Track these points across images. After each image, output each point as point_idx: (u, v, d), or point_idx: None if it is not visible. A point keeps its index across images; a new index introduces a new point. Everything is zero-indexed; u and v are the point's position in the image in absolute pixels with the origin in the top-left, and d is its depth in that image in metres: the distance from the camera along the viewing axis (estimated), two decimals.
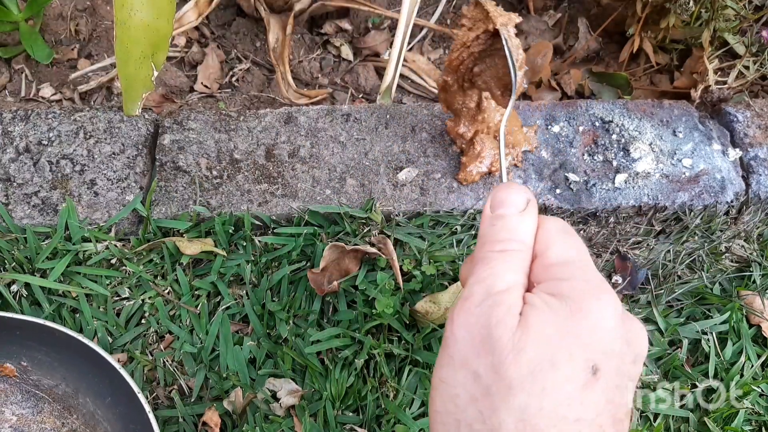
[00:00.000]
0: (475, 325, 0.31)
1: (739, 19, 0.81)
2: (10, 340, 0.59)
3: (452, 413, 0.29)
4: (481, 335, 0.30)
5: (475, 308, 0.31)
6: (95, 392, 0.59)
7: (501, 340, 0.29)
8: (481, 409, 0.28)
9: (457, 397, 0.29)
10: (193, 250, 0.66)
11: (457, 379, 0.30)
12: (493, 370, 0.29)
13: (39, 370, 0.60)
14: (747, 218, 0.75)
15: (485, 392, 0.28)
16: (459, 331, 0.31)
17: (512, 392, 0.28)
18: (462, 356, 0.30)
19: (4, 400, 0.61)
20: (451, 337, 0.31)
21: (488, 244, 0.34)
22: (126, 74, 0.60)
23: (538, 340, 0.29)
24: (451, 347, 0.31)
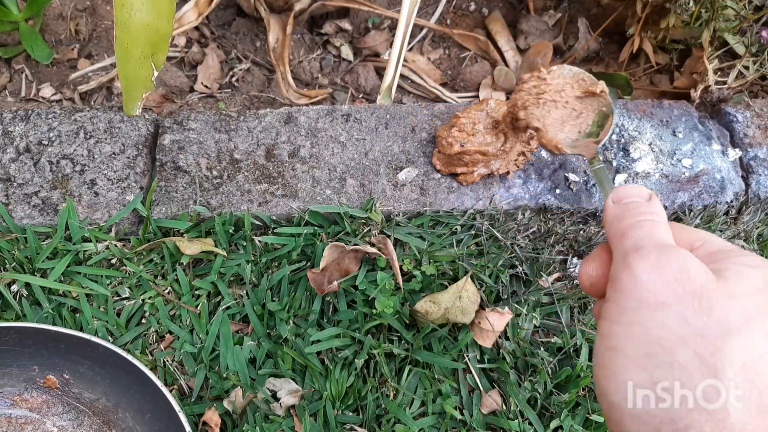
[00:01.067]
0: (669, 269, 0.29)
1: (739, 19, 0.81)
2: (55, 352, 0.60)
3: (658, 356, 0.27)
4: (680, 279, 0.29)
5: (660, 254, 0.30)
6: (135, 408, 0.60)
7: (707, 285, 0.28)
8: (698, 351, 0.26)
9: (663, 339, 0.27)
10: (193, 250, 0.66)
11: (657, 320, 0.28)
12: (704, 313, 0.27)
13: (81, 383, 0.61)
14: (747, 218, 0.75)
15: (699, 334, 0.27)
16: (646, 274, 0.29)
17: (732, 335, 0.26)
18: (658, 298, 0.28)
19: (46, 411, 0.61)
20: (636, 282, 0.29)
21: (631, 218, 0.33)
22: (126, 74, 0.60)
23: (747, 290, 0.28)
24: (639, 290, 0.29)
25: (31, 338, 0.59)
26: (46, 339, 0.59)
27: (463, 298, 0.63)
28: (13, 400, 0.61)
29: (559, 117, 0.60)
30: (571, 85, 0.61)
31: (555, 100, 0.60)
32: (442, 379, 0.62)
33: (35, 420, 0.61)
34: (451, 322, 0.63)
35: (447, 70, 0.94)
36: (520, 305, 0.66)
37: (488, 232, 0.69)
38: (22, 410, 0.61)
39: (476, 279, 0.66)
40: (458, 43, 0.95)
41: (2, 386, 0.61)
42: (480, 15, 0.98)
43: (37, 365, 0.61)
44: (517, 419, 0.61)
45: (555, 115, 0.60)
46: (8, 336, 0.59)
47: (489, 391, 0.63)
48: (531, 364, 0.64)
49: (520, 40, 0.95)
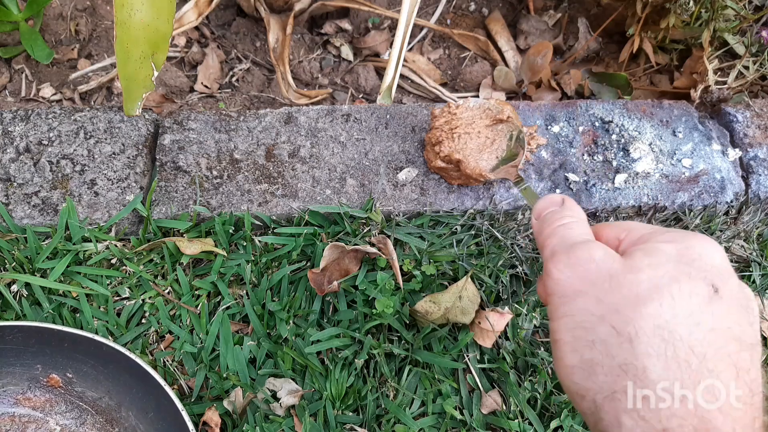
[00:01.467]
0: (578, 263, 0.32)
1: (739, 20, 0.81)
2: (58, 351, 0.60)
3: (583, 337, 0.30)
4: (589, 269, 0.32)
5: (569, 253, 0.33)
6: (138, 407, 0.60)
7: (613, 266, 0.31)
8: (614, 324, 0.29)
9: (584, 322, 0.30)
10: (194, 250, 0.66)
11: (577, 307, 0.31)
12: (613, 290, 0.30)
13: (84, 382, 0.61)
14: (747, 218, 0.75)
15: (612, 309, 0.29)
16: (560, 273, 0.32)
17: (642, 303, 0.29)
18: (574, 289, 0.31)
19: (49, 410, 0.61)
20: (555, 282, 0.32)
21: (547, 229, 0.37)
22: (126, 74, 0.60)
23: (652, 263, 0.30)
24: (560, 287, 0.32)
25: (34, 337, 0.59)
26: (49, 338, 0.59)
27: (463, 298, 0.63)
28: (17, 399, 0.61)
29: (476, 147, 0.64)
30: (480, 116, 0.65)
31: (468, 132, 0.65)
32: (442, 379, 0.62)
33: (38, 419, 0.61)
34: (451, 322, 0.63)
35: (447, 70, 0.94)
36: (520, 305, 0.66)
37: (488, 232, 0.69)
38: (25, 409, 0.61)
39: (476, 279, 0.66)
40: (458, 43, 0.95)
41: (6, 385, 0.61)
42: (480, 15, 0.98)
43: (41, 364, 0.61)
44: (517, 419, 0.61)
45: (472, 146, 0.64)
46: (12, 335, 0.59)
47: (489, 391, 0.63)
48: (531, 364, 0.64)
49: (520, 40, 0.95)
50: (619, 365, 0.28)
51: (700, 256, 0.30)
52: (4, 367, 0.61)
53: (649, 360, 0.27)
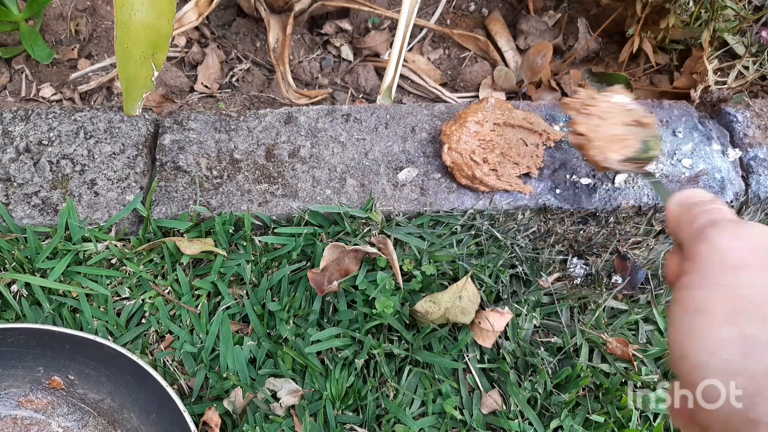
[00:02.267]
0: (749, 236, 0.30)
1: (738, 20, 0.81)
2: (60, 353, 0.60)
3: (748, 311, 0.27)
4: (763, 245, 0.29)
5: (737, 224, 0.30)
6: (140, 408, 0.60)
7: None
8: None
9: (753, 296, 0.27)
10: (194, 250, 0.66)
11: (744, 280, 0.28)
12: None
13: (86, 384, 0.61)
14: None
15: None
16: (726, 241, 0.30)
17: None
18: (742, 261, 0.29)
19: (51, 412, 0.62)
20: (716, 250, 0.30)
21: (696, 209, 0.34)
22: (126, 74, 0.60)
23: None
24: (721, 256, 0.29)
25: (36, 339, 0.59)
26: (51, 340, 0.59)
27: (463, 298, 0.63)
28: (19, 401, 0.61)
29: (607, 137, 0.64)
30: (620, 111, 0.65)
31: (601, 118, 0.64)
32: (442, 379, 0.62)
33: (40, 421, 0.61)
34: (451, 322, 0.63)
35: (447, 70, 0.94)
36: (520, 305, 0.66)
37: (488, 232, 0.69)
38: (27, 411, 0.61)
39: (476, 279, 0.66)
40: (458, 43, 0.95)
41: (8, 387, 0.61)
42: (480, 15, 0.98)
43: (42, 366, 0.61)
44: (517, 419, 0.61)
45: (602, 133, 0.64)
46: (13, 337, 0.59)
47: (489, 391, 0.63)
48: (531, 364, 0.64)
49: (520, 41, 0.95)
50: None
51: None
52: (6, 369, 0.61)
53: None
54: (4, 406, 0.61)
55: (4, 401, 0.61)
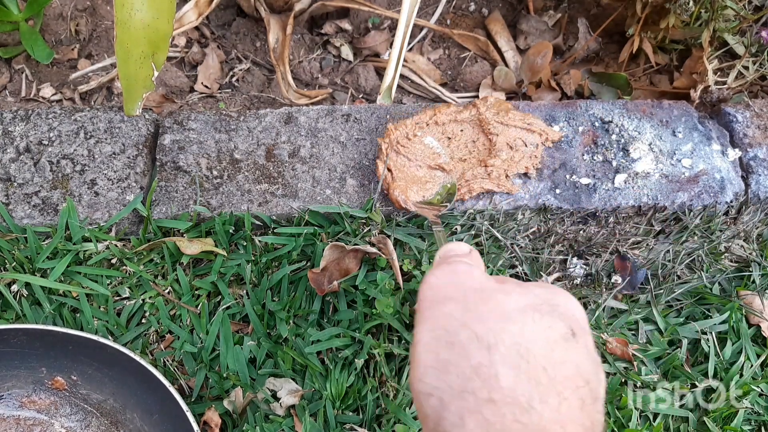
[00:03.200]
0: (454, 273, 0.34)
1: (738, 20, 0.81)
2: (63, 354, 0.60)
3: (443, 338, 0.31)
4: (463, 280, 0.33)
5: (450, 265, 0.35)
6: (143, 409, 0.60)
7: (488, 284, 0.33)
8: (476, 330, 0.30)
9: (448, 325, 0.31)
10: (194, 249, 0.66)
11: (444, 312, 0.32)
12: (483, 302, 0.31)
13: (89, 384, 0.61)
14: (746, 218, 0.75)
15: (477, 318, 0.30)
16: (435, 278, 0.34)
17: (506, 319, 0.30)
18: (446, 295, 0.33)
19: (54, 413, 0.62)
20: (429, 287, 0.34)
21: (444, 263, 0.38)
22: (126, 74, 0.60)
23: (522, 292, 0.32)
24: (432, 292, 0.33)
25: (39, 340, 0.59)
26: (54, 341, 0.59)
27: None
28: (22, 402, 0.61)
29: (411, 177, 0.68)
30: (427, 155, 0.69)
31: (408, 158, 0.68)
32: None
33: (43, 421, 0.61)
34: None
35: (447, 70, 0.94)
36: None
37: (488, 232, 0.69)
38: (30, 412, 0.61)
39: None
40: (458, 43, 0.95)
41: (11, 388, 0.61)
42: (480, 15, 0.98)
43: (45, 367, 0.61)
44: None
45: (407, 173, 0.68)
46: (16, 338, 0.59)
47: None
48: None
49: (520, 41, 0.95)
50: (472, 367, 0.29)
51: (564, 304, 0.32)
52: (8, 370, 0.61)
53: (502, 368, 0.28)
54: (7, 406, 0.61)
55: (7, 402, 0.61)
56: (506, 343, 0.29)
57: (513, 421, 0.27)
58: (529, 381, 0.28)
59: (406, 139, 0.69)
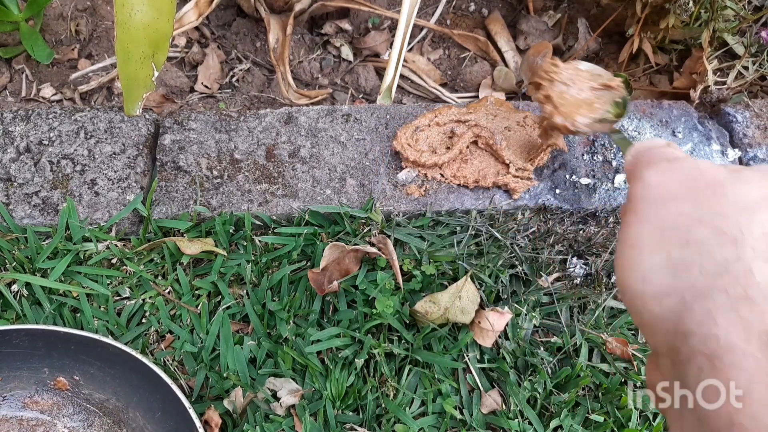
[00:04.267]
0: (678, 170, 0.30)
1: (738, 20, 0.81)
2: (65, 354, 0.60)
3: (674, 237, 0.28)
4: (691, 176, 0.30)
5: (671, 161, 0.31)
6: (145, 407, 0.60)
7: (719, 176, 0.29)
8: (716, 225, 0.27)
9: (678, 224, 0.28)
10: (194, 249, 0.66)
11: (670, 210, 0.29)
12: (718, 196, 0.28)
13: (91, 384, 0.61)
14: None
15: (715, 213, 0.27)
16: (656, 178, 0.30)
17: (752, 210, 0.27)
18: (671, 193, 0.29)
19: (57, 413, 0.62)
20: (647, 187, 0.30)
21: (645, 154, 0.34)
22: (126, 74, 0.60)
23: (762, 177, 0.28)
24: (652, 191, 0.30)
25: (41, 340, 0.60)
26: (56, 341, 0.59)
27: (462, 298, 0.63)
28: (24, 403, 0.61)
29: (574, 102, 0.63)
30: (586, 77, 0.65)
31: (566, 84, 0.64)
32: (442, 378, 0.62)
33: (46, 422, 0.61)
34: (451, 321, 0.64)
35: (447, 70, 0.94)
36: (519, 305, 0.66)
37: (488, 232, 0.69)
38: (33, 412, 0.61)
39: (476, 279, 0.66)
40: (458, 43, 0.95)
41: (13, 389, 0.61)
42: (480, 15, 0.98)
43: (48, 367, 0.61)
44: (517, 419, 0.61)
45: (568, 99, 0.64)
46: (19, 338, 0.59)
47: (489, 391, 0.63)
48: (531, 364, 0.64)
49: (520, 41, 0.95)
50: (719, 263, 0.26)
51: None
52: (11, 370, 0.61)
53: (755, 263, 0.25)
54: (9, 407, 0.61)
55: (9, 403, 0.61)
56: (755, 234, 0.26)
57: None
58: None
59: (555, 67, 0.66)
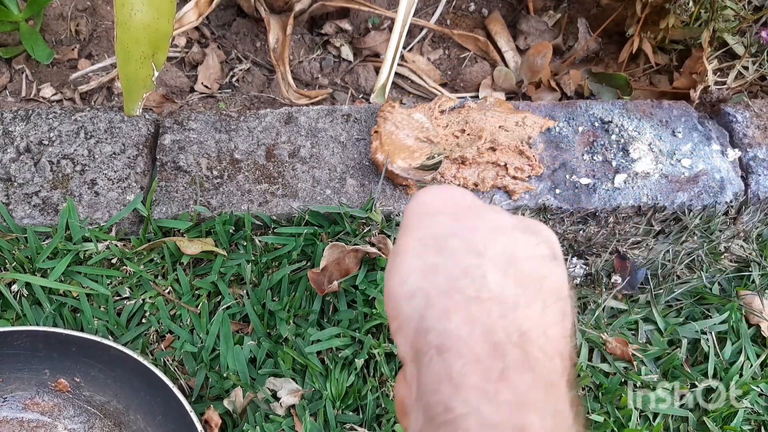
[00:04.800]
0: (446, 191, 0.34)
1: (738, 20, 0.81)
2: (66, 355, 0.60)
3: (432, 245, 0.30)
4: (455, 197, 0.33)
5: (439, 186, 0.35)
6: (146, 410, 0.60)
7: (477, 202, 0.33)
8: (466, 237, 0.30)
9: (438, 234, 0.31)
10: (194, 249, 0.66)
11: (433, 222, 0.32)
12: (473, 216, 0.31)
13: (92, 386, 0.61)
14: (746, 218, 0.75)
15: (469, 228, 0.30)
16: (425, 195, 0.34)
17: (497, 231, 0.30)
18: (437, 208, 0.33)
19: (57, 415, 0.62)
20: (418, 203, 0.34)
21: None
22: (126, 74, 0.60)
23: (510, 214, 0.32)
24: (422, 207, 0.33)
25: (42, 342, 0.60)
26: (57, 342, 0.59)
27: None
28: (25, 404, 0.61)
29: (398, 144, 0.70)
30: (414, 127, 0.71)
31: (396, 126, 0.71)
32: None
33: (47, 423, 0.61)
34: None
35: (447, 70, 0.94)
36: None
37: None
38: (33, 414, 0.61)
39: None
40: (458, 43, 0.95)
41: (14, 390, 0.61)
42: (480, 15, 0.98)
43: (48, 369, 0.61)
44: None
45: (395, 140, 0.70)
46: (20, 340, 0.59)
47: None
48: None
49: (520, 41, 0.95)
50: (462, 268, 0.29)
51: (545, 231, 0.32)
52: (12, 372, 0.61)
53: (491, 271, 0.28)
54: (10, 409, 0.61)
55: (10, 404, 0.61)
56: (497, 249, 0.29)
57: (498, 317, 0.27)
58: (517, 285, 0.28)
59: (391, 108, 0.72)
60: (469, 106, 0.75)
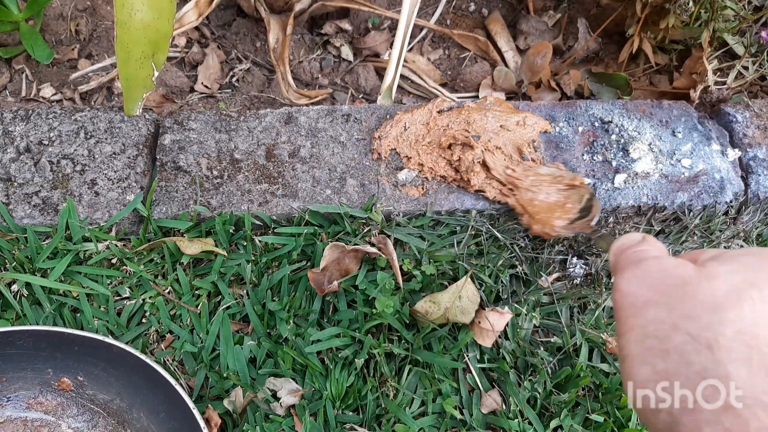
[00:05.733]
0: (646, 274, 0.31)
1: (738, 20, 0.81)
2: (69, 355, 0.60)
3: (655, 347, 0.28)
4: (659, 278, 0.30)
5: (638, 265, 0.32)
6: (149, 408, 0.60)
7: (687, 273, 0.30)
8: (689, 331, 0.27)
9: (657, 331, 0.28)
10: (194, 249, 0.66)
11: (648, 318, 0.29)
12: (687, 297, 0.28)
13: (95, 384, 0.61)
14: (746, 218, 0.75)
15: (687, 316, 0.28)
16: (628, 285, 0.31)
17: (721, 308, 0.27)
18: (644, 299, 0.30)
19: (61, 414, 0.62)
20: (622, 295, 0.31)
21: (621, 256, 0.35)
22: (126, 74, 0.60)
23: (730, 270, 0.29)
24: (628, 299, 0.31)
25: (45, 341, 0.60)
26: (60, 342, 0.60)
27: (462, 298, 0.63)
28: (29, 404, 0.61)
29: (546, 207, 0.67)
30: (548, 182, 0.68)
31: (529, 190, 0.68)
32: (442, 378, 0.62)
33: (50, 422, 0.61)
34: (451, 321, 0.64)
35: (447, 70, 0.94)
36: (519, 305, 0.66)
37: (488, 232, 0.69)
38: (37, 413, 0.61)
39: (476, 279, 0.66)
40: (458, 43, 0.95)
41: (17, 390, 0.61)
42: (480, 15, 0.98)
43: (52, 368, 0.61)
44: (517, 419, 0.61)
45: (539, 206, 0.67)
46: (23, 340, 0.59)
47: (489, 391, 0.63)
48: (531, 364, 0.64)
49: (520, 41, 0.95)
50: (697, 373, 0.26)
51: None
52: (15, 371, 0.61)
53: (732, 366, 0.25)
54: (14, 408, 0.61)
55: (14, 403, 0.61)
56: (728, 335, 0.26)
57: (760, 428, 0.24)
58: (764, 372, 0.25)
59: (520, 180, 0.68)
60: (469, 106, 0.75)
